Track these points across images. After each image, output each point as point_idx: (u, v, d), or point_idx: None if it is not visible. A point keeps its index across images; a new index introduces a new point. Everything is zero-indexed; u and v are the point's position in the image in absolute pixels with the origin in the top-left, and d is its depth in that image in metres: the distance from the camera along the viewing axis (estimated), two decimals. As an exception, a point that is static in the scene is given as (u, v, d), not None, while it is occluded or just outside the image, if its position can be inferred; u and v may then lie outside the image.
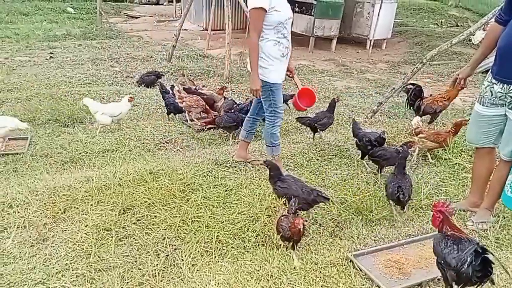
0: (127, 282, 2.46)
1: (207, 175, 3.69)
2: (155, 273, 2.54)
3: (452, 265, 2.16)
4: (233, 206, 3.20)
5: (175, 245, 2.79)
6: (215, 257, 2.70)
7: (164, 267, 2.60)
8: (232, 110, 4.88)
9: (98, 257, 2.65)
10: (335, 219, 3.15)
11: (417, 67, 5.28)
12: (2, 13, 12.72)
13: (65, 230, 2.90)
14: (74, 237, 2.82)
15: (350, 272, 2.60)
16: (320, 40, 10.67)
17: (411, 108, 5.22)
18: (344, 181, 3.73)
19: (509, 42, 2.76)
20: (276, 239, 2.79)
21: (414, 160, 4.16)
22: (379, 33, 10.64)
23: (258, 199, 3.27)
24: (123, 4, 16.65)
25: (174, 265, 2.64)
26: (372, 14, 10.34)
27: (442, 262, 2.25)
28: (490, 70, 2.97)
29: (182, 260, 2.66)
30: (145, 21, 13.84)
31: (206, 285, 2.46)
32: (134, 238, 2.85)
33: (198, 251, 2.73)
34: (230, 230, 2.92)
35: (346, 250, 2.80)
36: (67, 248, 2.72)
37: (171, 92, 5.49)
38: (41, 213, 3.05)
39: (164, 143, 4.58)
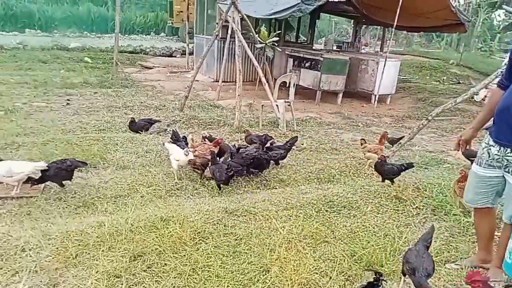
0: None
1: (217, 223, 3.72)
2: (165, 322, 2.52)
3: None
4: (243, 256, 3.20)
5: (185, 294, 2.78)
6: (225, 307, 2.69)
7: (174, 317, 2.58)
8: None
9: (109, 304, 2.65)
10: (345, 272, 3.14)
11: (422, 124, 5.44)
12: (22, 60, 13.30)
13: (76, 276, 2.90)
14: (85, 283, 2.82)
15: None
16: (326, 94, 11.00)
17: None
18: (354, 233, 3.73)
19: (505, 106, 2.83)
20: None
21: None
22: (384, 88, 10.98)
23: (268, 249, 3.28)
24: (138, 55, 17.38)
25: (184, 314, 2.62)
26: (377, 71, 10.75)
27: None
28: (488, 132, 3.03)
29: (192, 309, 2.65)
30: (159, 71, 14.38)
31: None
32: (144, 286, 2.84)
33: (209, 301, 2.72)
34: (240, 280, 2.91)
35: (357, 305, 2.78)
36: (78, 294, 2.72)
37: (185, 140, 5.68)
38: (53, 258, 3.06)
39: (175, 190, 4.65)
